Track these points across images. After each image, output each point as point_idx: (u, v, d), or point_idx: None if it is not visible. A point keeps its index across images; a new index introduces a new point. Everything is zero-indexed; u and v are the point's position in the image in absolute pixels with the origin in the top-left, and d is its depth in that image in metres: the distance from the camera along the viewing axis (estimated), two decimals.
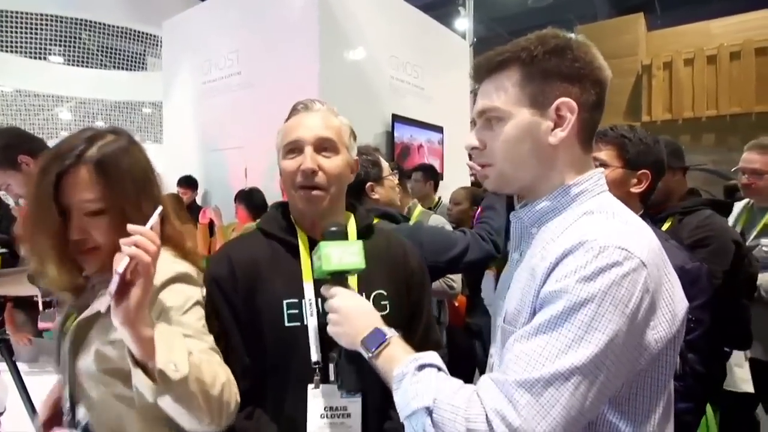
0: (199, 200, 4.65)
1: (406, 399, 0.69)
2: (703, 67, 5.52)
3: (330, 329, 0.85)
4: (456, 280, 2.19)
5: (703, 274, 1.25)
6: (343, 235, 0.89)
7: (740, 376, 1.99)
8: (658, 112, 5.81)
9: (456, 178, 4.82)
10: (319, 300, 0.94)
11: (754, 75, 5.26)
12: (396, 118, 4.62)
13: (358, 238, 1.03)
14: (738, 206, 2.32)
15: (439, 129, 5.12)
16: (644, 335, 0.66)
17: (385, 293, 1.02)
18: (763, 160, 1.99)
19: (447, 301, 2.67)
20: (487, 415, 0.62)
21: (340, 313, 0.83)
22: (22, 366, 4.05)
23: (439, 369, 0.73)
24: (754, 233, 2.07)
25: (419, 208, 2.76)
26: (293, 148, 0.99)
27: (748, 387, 1.98)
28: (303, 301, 0.97)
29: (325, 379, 0.93)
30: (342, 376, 0.85)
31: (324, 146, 0.99)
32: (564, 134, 0.75)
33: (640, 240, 0.68)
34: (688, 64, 5.61)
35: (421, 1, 5.18)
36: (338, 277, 0.87)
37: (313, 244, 0.94)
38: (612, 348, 0.62)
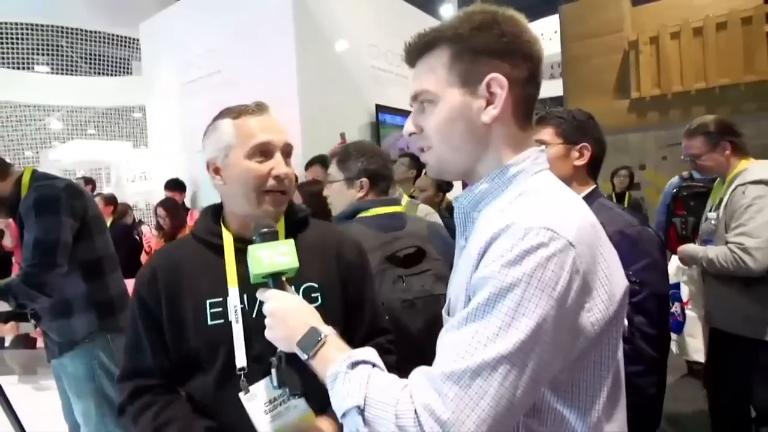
0: (187, 202, 4.63)
1: (339, 399, 0.67)
2: (690, 40, 5.43)
3: (267, 334, 0.83)
4: None
5: (644, 237, 1.30)
6: (273, 236, 0.88)
7: (693, 345, 2.07)
8: (647, 88, 5.73)
9: None
10: (257, 304, 0.94)
11: (741, 45, 5.18)
12: (380, 109, 4.59)
13: (288, 233, 1.03)
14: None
15: None
16: (578, 318, 0.64)
17: (317, 285, 1.02)
18: (694, 144, 2.08)
19: None
20: (415, 410, 0.60)
21: (275, 316, 0.81)
22: (13, 378, 4.04)
23: (374, 365, 0.70)
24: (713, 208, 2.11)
25: (405, 198, 2.73)
26: (263, 151, 0.98)
27: (700, 356, 2.06)
28: (227, 300, 0.96)
29: (251, 382, 0.93)
30: (285, 380, 0.83)
31: (288, 153, 1.02)
32: (496, 112, 0.72)
33: (569, 219, 0.66)
34: (675, 38, 5.53)
35: None
36: (275, 280, 0.85)
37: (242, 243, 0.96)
38: (541, 333, 0.60)
